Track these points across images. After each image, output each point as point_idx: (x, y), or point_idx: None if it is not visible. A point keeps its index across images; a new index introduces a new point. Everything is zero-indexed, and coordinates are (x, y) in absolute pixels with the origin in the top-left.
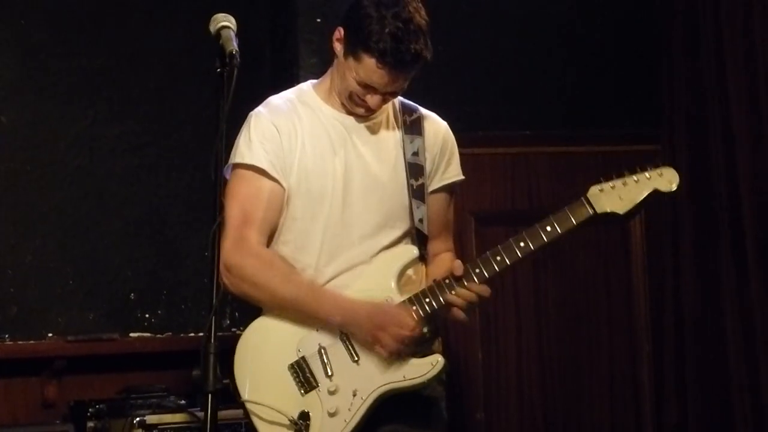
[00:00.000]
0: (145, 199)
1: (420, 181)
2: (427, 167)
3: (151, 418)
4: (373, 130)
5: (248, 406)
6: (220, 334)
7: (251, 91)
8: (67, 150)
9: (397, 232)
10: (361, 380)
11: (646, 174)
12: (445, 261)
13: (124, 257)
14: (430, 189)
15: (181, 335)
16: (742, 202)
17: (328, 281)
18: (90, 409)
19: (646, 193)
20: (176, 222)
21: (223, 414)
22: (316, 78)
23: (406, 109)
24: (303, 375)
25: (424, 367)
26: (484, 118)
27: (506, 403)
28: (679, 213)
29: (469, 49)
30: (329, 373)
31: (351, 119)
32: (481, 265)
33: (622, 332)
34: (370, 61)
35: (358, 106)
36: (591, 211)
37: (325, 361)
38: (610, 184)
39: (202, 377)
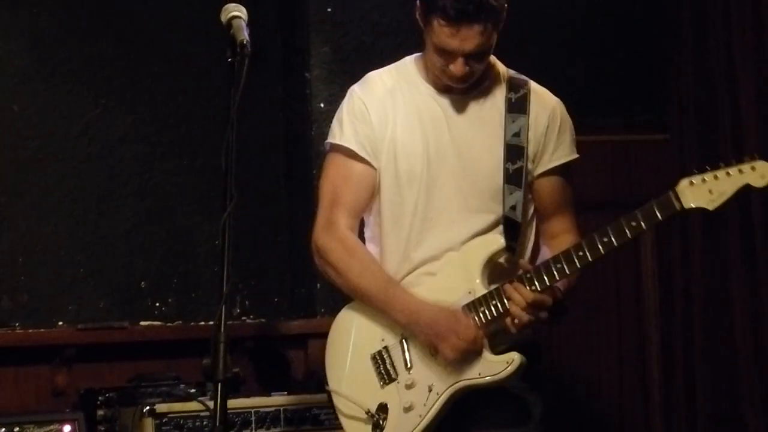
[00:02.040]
0: (156, 188)
1: (518, 165)
2: (531, 149)
3: (161, 407)
4: (473, 109)
5: (332, 395)
6: (230, 322)
7: (261, 80)
8: (78, 138)
9: (490, 218)
10: (438, 375)
11: (739, 167)
12: (562, 243)
13: (134, 245)
14: (539, 171)
15: (192, 324)
16: (751, 192)
17: (416, 267)
18: (100, 398)
19: (737, 188)
20: (187, 210)
21: (233, 403)
22: (326, 68)
23: (513, 86)
24: (384, 366)
25: (500, 366)
26: None
27: None
28: None
29: None
30: (409, 366)
31: (448, 98)
32: (561, 262)
33: (631, 322)
34: (437, 23)
35: (449, 79)
36: (678, 206)
37: (407, 352)
38: (702, 177)
39: (212, 366)
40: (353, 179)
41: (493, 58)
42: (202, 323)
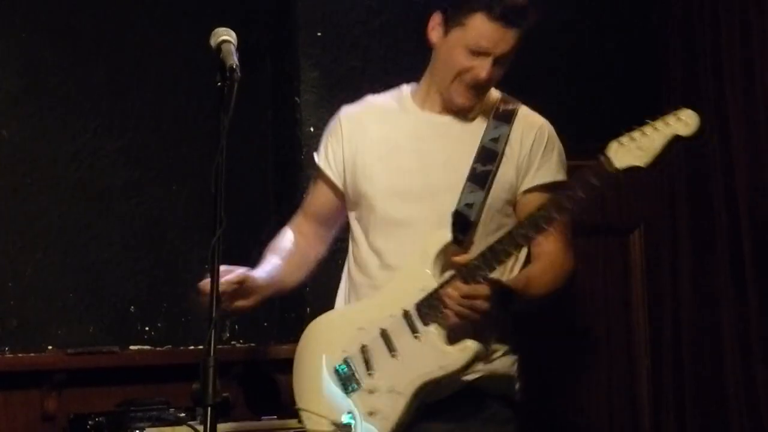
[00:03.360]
0: (145, 212)
1: (487, 167)
2: (510, 159)
3: (151, 431)
4: (456, 130)
5: (301, 414)
6: (219, 347)
7: (251, 104)
8: (68, 163)
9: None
10: (400, 375)
11: (665, 119)
12: (544, 264)
13: (124, 270)
14: (523, 188)
15: (181, 348)
16: (740, 216)
17: (391, 260)
18: (89, 422)
19: (666, 140)
20: (176, 235)
21: (223, 427)
22: (315, 93)
23: (504, 102)
24: (344, 377)
25: (455, 354)
26: None
27: None
28: (677, 225)
29: None
30: (370, 371)
31: (437, 119)
32: (503, 243)
33: (621, 345)
34: (477, 18)
35: (468, 88)
36: (611, 168)
37: (367, 359)
38: (630, 135)
39: (202, 390)
40: (317, 192)
41: None
42: (192, 348)
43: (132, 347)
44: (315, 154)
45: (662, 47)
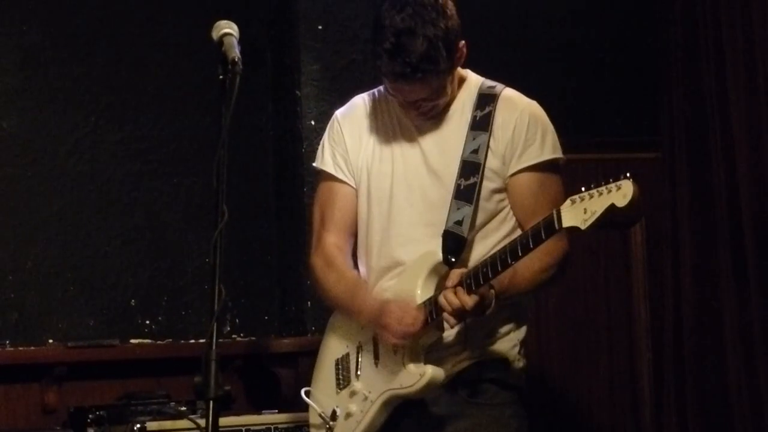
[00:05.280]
0: (145, 206)
1: (471, 181)
2: (491, 163)
3: (152, 425)
4: (442, 129)
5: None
6: (220, 340)
7: (252, 98)
8: (68, 156)
9: (437, 232)
10: (375, 384)
11: (608, 187)
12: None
13: (124, 263)
14: (509, 174)
15: (182, 342)
16: (742, 211)
17: (379, 281)
18: (90, 416)
19: (604, 208)
20: (177, 228)
21: (224, 421)
22: (316, 86)
23: (480, 103)
24: (341, 372)
25: (414, 377)
26: None
27: None
28: (679, 220)
29: (466, 59)
30: (358, 373)
31: (419, 119)
32: (471, 276)
33: (623, 339)
34: (384, 77)
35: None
36: (557, 225)
37: (359, 360)
38: (582, 195)
39: (204, 384)
40: (337, 198)
41: (465, 73)
42: (192, 341)
43: (132, 341)
44: (317, 165)
45: (663, 42)
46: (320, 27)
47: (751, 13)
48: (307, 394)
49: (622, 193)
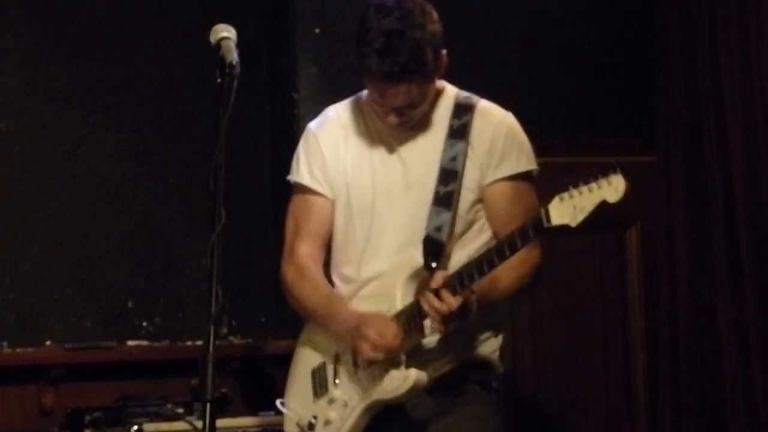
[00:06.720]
0: (143, 207)
1: (450, 188)
2: (470, 172)
3: (149, 427)
4: (419, 138)
5: (279, 406)
6: (217, 342)
7: (249, 99)
8: (66, 157)
9: (417, 239)
10: (355, 391)
11: (598, 182)
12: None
13: (121, 265)
14: (485, 184)
15: (179, 343)
16: (737, 211)
17: (359, 291)
18: (87, 417)
19: (595, 204)
20: (174, 230)
21: (220, 422)
22: (313, 88)
23: (457, 113)
24: (317, 381)
25: (398, 382)
26: None
27: None
28: (674, 221)
29: (465, 58)
30: (336, 382)
31: (396, 128)
32: (456, 277)
33: (618, 340)
34: (367, 80)
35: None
36: (545, 223)
37: (337, 368)
38: (570, 192)
39: (201, 386)
40: (313, 210)
41: (441, 84)
42: (189, 343)
43: (129, 342)
44: (293, 177)
45: (661, 42)
46: (317, 30)
47: (747, 15)
48: (282, 405)
49: (613, 188)
